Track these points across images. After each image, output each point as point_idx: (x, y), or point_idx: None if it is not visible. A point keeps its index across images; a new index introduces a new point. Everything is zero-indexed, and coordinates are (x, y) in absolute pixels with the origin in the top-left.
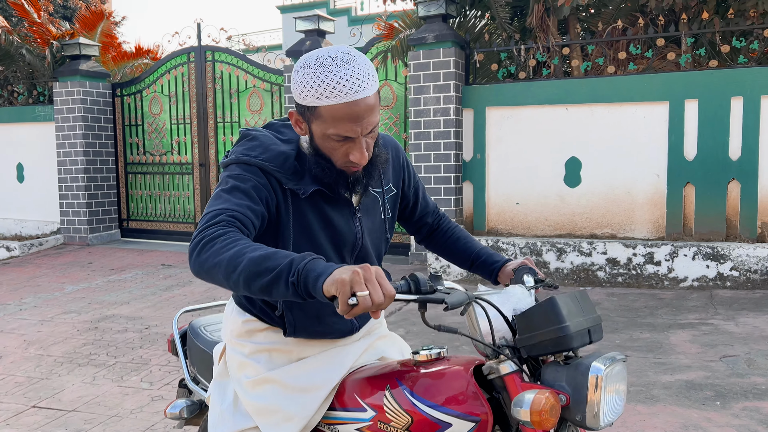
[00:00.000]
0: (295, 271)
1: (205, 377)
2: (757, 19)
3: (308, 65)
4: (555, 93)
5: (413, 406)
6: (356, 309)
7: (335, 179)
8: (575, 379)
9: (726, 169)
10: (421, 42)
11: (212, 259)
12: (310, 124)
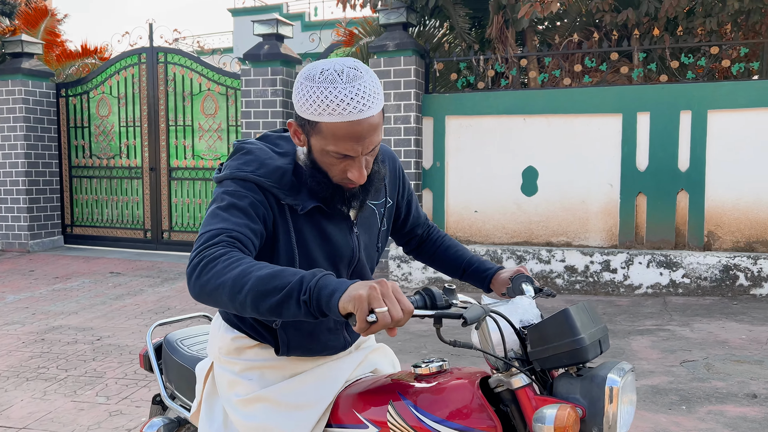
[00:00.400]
0: (307, 289)
1: (184, 394)
2: (704, 36)
3: (312, 78)
4: (513, 103)
5: (419, 422)
6: (375, 326)
7: (331, 194)
8: (591, 392)
9: (675, 179)
10: (382, 49)
11: (215, 280)
12: (309, 138)
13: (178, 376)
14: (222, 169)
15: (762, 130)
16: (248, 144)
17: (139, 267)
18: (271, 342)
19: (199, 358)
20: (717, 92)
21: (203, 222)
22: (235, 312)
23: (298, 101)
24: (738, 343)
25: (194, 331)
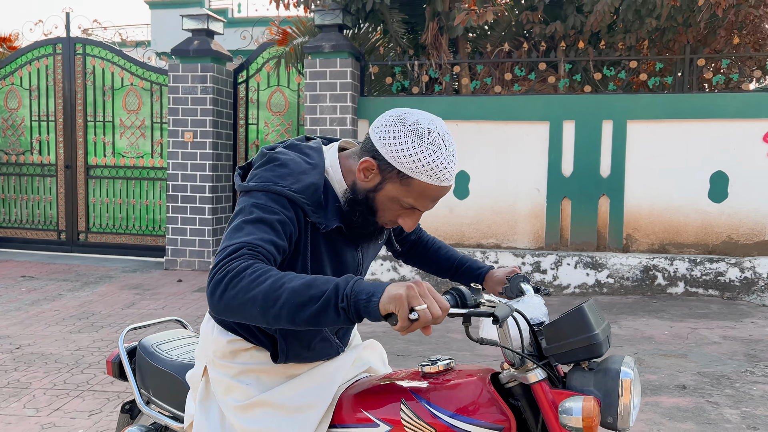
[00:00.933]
0: (344, 296)
1: (165, 400)
2: (624, 51)
3: (421, 135)
4: (446, 109)
5: (435, 418)
6: (416, 324)
7: (361, 232)
8: (606, 384)
9: (598, 185)
10: (318, 50)
11: (243, 295)
12: (386, 182)
13: (158, 382)
14: (249, 177)
15: (674, 141)
16: (281, 155)
17: (54, 270)
18: (268, 345)
19: (183, 364)
20: (636, 104)
21: (227, 234)
22: (265, 325)
23: (395, 150)
24: (663, 338)
25: (169, 336)
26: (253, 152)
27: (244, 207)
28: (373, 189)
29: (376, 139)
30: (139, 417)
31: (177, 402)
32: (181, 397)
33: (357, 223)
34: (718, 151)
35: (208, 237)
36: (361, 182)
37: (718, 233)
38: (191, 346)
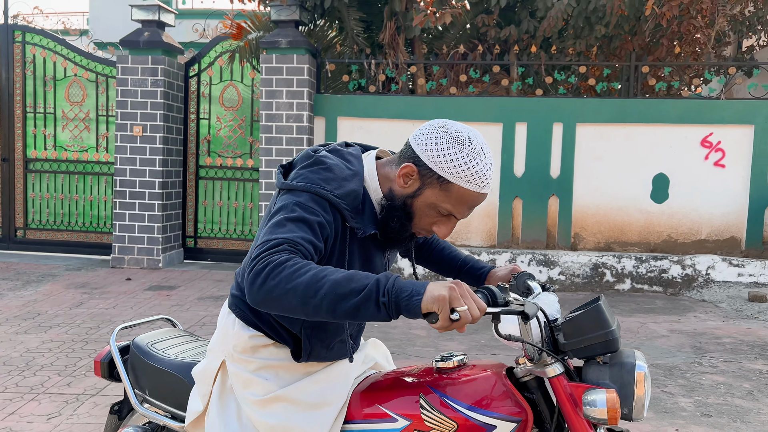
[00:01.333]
0: (385, 292)
1: (163, 399)
2: (574, 56)
3: (462, 143)
4: (403, 108)
5: (456, 411)
6: (456, 324)
7: (397, 238)
8: (622, 377)
9: (548, 185)
10: (275, 46)
11: (283, 285)
12: (425, 188)
13: (156, 381)
14: (293, 176)
15: (620, 143)
16: (327, 159)
17: None
18: (290, 342)
19: (184, 362)
20: (585, 107)
21: (268, 229)
22: (303, 316)
23: (437, 155)
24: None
25: (162, 335)
26: (204, 147)
27: (287, 204)
28: (412, 195)
29: (417, 146)
30: (128, 418)
31: (177, 401)
32: (182, 395)
33: (394, 228)
34: (660, 154)
35: (157, 234)
36: (399, 188)
37: (660, 232)
38: (187, 344)
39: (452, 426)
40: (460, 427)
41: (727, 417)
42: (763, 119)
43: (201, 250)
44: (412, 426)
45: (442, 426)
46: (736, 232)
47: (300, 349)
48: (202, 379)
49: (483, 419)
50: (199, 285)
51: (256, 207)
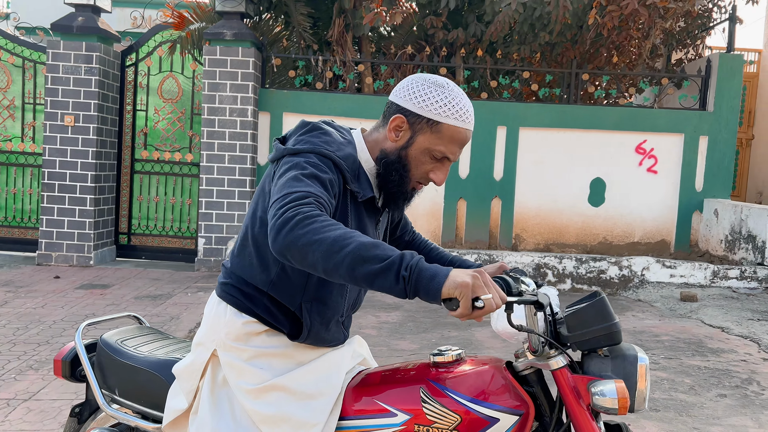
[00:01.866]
0: (408, 267)
1: (135, 399)
2: (518, 62)
3: (441, 86)
4: (351, 107)
5: (460, 405)
6: (479, 312)
7: (399, 191)
8: (624, 369)
9: (491, 187)
10: (219, 37)
11: (311, 236)
12: (416, 135)
13: (128, 380)
14: (293, 142)
15: (560, 148)
16: (322, 125)
17: None
18: (286, 326)
19: (160, 359)
20: (528, 112)
21: (284, 183)
22: (321, 273)
23: (423, 101)
24: None
25: (131, 332)
26: (140, 140)
27: (297, 162)
28: (405, 145)
29: (400, 99)
30: (89, 420)
31: (151, 400)
32: (158, 394)
33: (394, 182)
34: (598, 159)
35: (89, 230)
36: (391, 144)
37: (596, 234)
38: (159, 342)
39: (455, 419)
40: (463, 420)
41: (674, 411)
42: (692, 129)
43: (134, 248)
44: (412, 420)
45: (445, 419)
46: (666, 235)
47: (297, 330)
48: (187, 375)
49: (486, 412)
50: (134, 284)
51: (194, 203)
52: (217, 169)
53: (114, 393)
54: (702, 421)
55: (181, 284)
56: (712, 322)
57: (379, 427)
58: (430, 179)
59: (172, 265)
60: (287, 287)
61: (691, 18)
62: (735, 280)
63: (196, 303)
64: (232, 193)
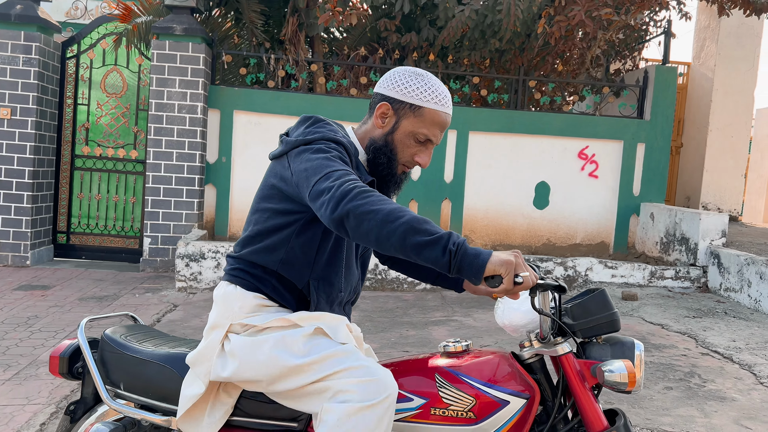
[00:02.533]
0: (455, 243)
1: (143, 392)
2: (468, 67)
3: (421, 75)
4: (303, 106)
5: (474, 388)
6: (519, 287)
7: (389, 173)
8: (623, 354)
9: (442, 189)
10: (168, 32)
11: (369, 206)
12: (401, 120)
13: (136, 374)
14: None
15: (508, 152)
16: (322, 117)
17: None
18: (293, 305)
19: (171, 353)
20: (477, 117)
21: (318, 165)
22: (374, 241)
23: (405, 89)
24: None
25: (132, 329)
26: (81, 135)
27: (319, 148)
28: (391, 130)
29: (385, 89)
30: (84, 418)
31: (160, 393)
32: (168, 386)
33: (382, 164)
34: (543, 163)
35: (26, 228)
36: (378, 130)
37: (540, 236)
38: (160, 338)
39: (470, 401)
40: (477, 402)
41: (627, 404)
42: (631, 136)
43: (74, 247)
44: (428, 404)
45: (461, 402)
46: (606, 237)
47: (303, 308)
48: (202, 358)
49: (498, 395)
50: (77, 285)
51: (139, 201)
52: (164, 166)
53: (118, 387)
54: (653, 412)
55: (127, 285)
56: (652, 319)
57: (396, 411)
58: (415, 162)
59: (115, 266)
60: (296, 265)
61: (630, 31)
62: (670, 280)
63: (145, 304)
64: (180, 191)
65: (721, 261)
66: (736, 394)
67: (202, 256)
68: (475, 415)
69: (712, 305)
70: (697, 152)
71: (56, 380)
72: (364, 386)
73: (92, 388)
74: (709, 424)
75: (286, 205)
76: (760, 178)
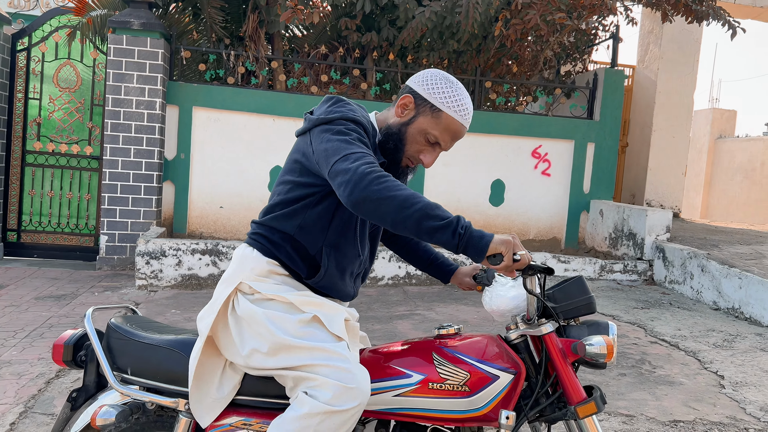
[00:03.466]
0: (463, 227)
1: (152, 376)
2: (427, 67)
3: (452, 82)
4: (263, 103)
5: (468, 364)
6: (518, 264)
7: (393, 161)
8: (599, 333)
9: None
10: (126, 26)
11: (386, 192)
12: (418, 116)
13: (145, 359)
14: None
15: (465, 150)
16: (345, 99)
17: None
18: (304, 271)
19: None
20: None
21: (337, 145)
22: (389, 223)
23: (432, 89)
24: (475, 321)
25: (135, 319)
26: (33, 130)
27: (339, 129)
28: (407, 122)
29: (414, 84)
30: (85, 405)
31: (169, 376)
32: (176, 370)
33: (389, 149)
34: (498, 162)
35: None
36: (396, 118)
37: (496, 232)
38: (164, 327)
39: (465, 375)
40: (471, 376)
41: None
42: (581, 135)
43: (24, 246)
44: (426, 380)
45: (456, 376)
46: (558, 233)
47: (314, 272)
48: (209, 311)
49: (489, 370)
50: (31, 284)
51: (93, 198)
52: (121, 163)
53: (125, 373)
54: (609, 397)
55: (84, 284)
56: (603, 311)
57: (395, 387)
58: (420, 160)
59: (70, 264)
60: (312, 231)
61: (581, 34)
62: (619, 273)
63: (105, 303)
64: (137, 188)
65: (666, 255)
66: (683, 378)
67: (163, 253)
68: (469, 388)
69: (658, 297)
70: (642, 152)
71: (21, 380)
72: (340, 391)
73: (94, 377)
74: (661, 407)
75: (307, 178)
76: (698, 176)
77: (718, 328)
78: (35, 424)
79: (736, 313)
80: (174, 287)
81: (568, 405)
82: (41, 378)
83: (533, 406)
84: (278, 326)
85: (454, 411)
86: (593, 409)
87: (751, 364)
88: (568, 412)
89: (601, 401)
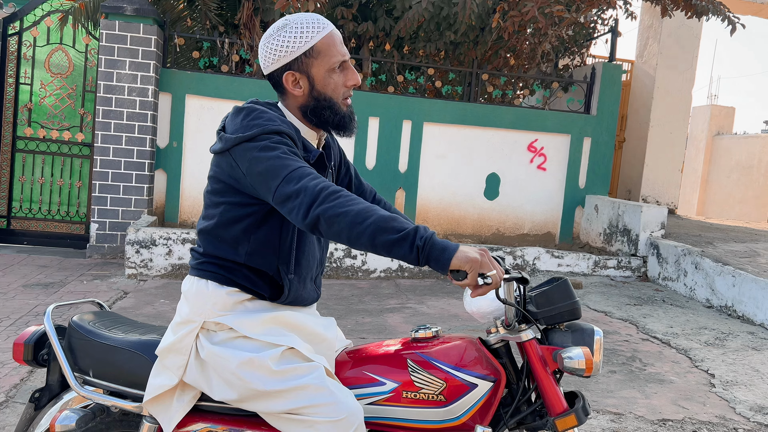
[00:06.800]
0: (422, 238)
1: (113, 379)
2: (424, 58)
3: (284, 26)
4: (257, 92)
5: (444, 372)
6: (485, 287)
7: (338, 116)
8: (584, 341)
9: (396, 179)
10: (118, 12)
11: (338, 208)
12: (310, 71)
13: (106, 361)
14: (237, 129)
15: (460, 143)
16: (256, 106)
17: None
18: (267, 291)
19: (142, 339)
20: (431, 107)
21: (273, 165)
22: (345, 241)
23: (286, 47)
24: (465, 315)
25: (99, 316)
26: (23, 115)
27: (266, 145)
28: (311, 86)
29: (272, 64)
30: (49, 405)
31: (131, 379)
32: (138, 373)
33: (329, 116)
34: (494, 155)
35: None
36: (300, 95)
37: (490, 226)
38: (129, 325)
39: (441, 384)
40: (447, 385)
41: (574, 386)
42: (578, 130)
43: (14, 232)
44: (400, 388)
45: (432, 385)
46: (552, 228)
47: (278, 292)
48: (175, 352)
49: (466, 378)
50: (20, 271)
51: (85, 186)
52: (113, 150)
53: (87, 374)
54: (599, 394)
55: (74, 272)
56: (596, 307)
57: (368, 395)
58: (349, 87)
59: (60, 252)
60: (263, 254)
61: (579, 28)
62: (613, 269)
63: (94, 291)
64: (129, 176)
65: (660, 252)
66: (673, 376)
67: (153, 242)
68: (445, 397)
69: (651, 293)
70: (638, 147)
71: (4, 368)
72: (333, 427)
73: (57, 376)
74: (650, 405)
75: (242, 198)
76: (695, 172)
77: (710, 326)
78: (16, 414)
79: (729, 311)
80: (164, 276)
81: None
82: (24, 367)
83: (514, 414)
84: (249, 373)
85: (430, 421)
86: (573, 422)
87: (742, 362)
88: (548, 423)
89: (583, 413)
